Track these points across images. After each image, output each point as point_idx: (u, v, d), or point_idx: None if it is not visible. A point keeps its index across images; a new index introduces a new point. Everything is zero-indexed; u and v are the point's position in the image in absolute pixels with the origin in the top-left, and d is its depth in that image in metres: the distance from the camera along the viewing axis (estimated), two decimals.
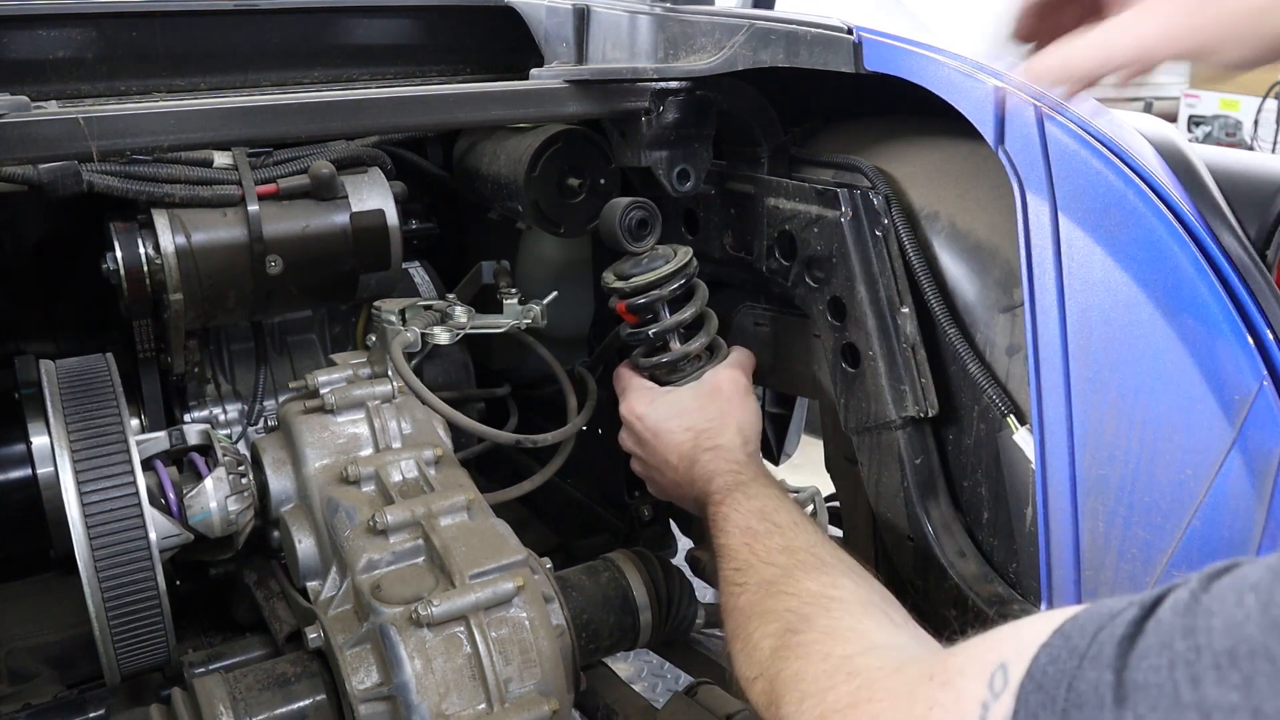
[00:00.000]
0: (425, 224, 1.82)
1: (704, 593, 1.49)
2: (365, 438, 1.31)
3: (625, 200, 1.31)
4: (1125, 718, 0.53)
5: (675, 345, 1.34)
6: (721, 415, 1.28)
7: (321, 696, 1.15)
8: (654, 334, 1.33)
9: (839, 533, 1.44)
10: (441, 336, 1.38)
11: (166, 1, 1.56)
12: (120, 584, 1.17)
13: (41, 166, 1.30)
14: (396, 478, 1.25)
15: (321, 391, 1.32)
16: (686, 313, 1.33)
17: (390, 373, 1.35)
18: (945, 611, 1.14)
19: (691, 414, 1.29)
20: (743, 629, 0.98)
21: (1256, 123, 6.54)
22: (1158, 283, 0.91)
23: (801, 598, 0.96)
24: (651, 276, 1.31)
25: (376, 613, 1.10)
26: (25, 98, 1.05)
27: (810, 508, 1.52)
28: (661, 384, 1.34)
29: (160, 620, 1.21)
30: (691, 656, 1.59)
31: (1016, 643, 0.66)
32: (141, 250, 1.36)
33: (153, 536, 1.18)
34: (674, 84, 1.30)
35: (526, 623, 1.12)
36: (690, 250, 1.35)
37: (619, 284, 1.32)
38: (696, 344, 1.33)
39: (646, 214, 1.32)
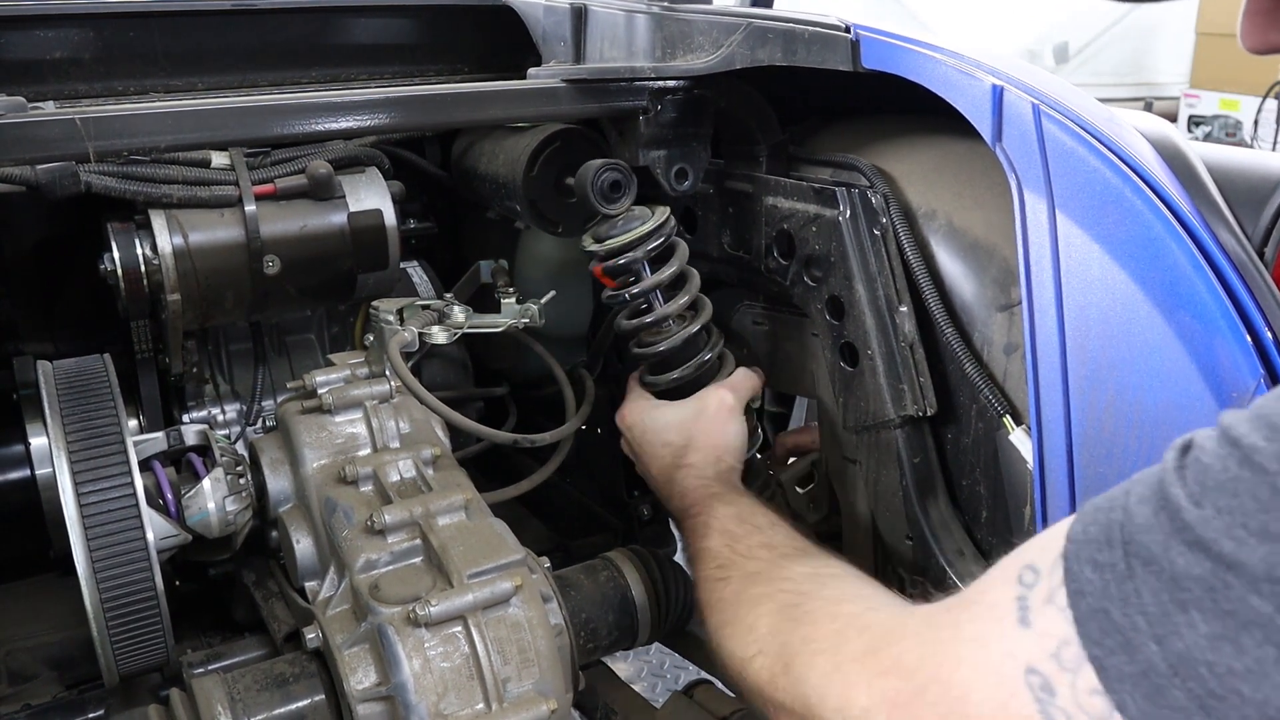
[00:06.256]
0: (423, 223, 1.82)
1: None
2: (363, 438, 1.31)
3: (598, 162, 1.29)
4: (1206, 512, 0.56)
5: (658, 306, 1.33)
6: (699, 435, 1.30)
7: (320, 697, 1.15)
8: (633, 295, 1.31)
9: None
10: (439, 336, 1.38)
11: (164, 1, 1.56)
12: (118, 584, 1.17)
13: (39, 167, 1.29)
14: (394, 477, 1.25)
15: (319, 391, 1.32)
16: (666, 272, 1.31)
17: (388, 372, 1.35)
18: None
19: (672, 431, 1.32)
20: (732, 615, 0.98)
21: (1256, 123, 6.53)
22: (1155, 280, 0.90)
23: (795, 580, 0.97)
24: (628, 237, 1.29)
25: (374, 613, 1.10)
26: (22, 98, 1.05)
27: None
28: (645, 346, 1.34)
29: (159, 621, 1.21)
30: (694, 647, 1.58)
31: (1035, 547, 0.67)
32: (139, 251, 1.35)
33: (150, 537, 1.18)
34: (671, 83, 1.29)
35: (525, 622, 1.12)
36: (668, 209, 1.33)
37: (594, 246, 1.31)
38: (678, 304, 1.32)
39: (620, 175, 1.29)
